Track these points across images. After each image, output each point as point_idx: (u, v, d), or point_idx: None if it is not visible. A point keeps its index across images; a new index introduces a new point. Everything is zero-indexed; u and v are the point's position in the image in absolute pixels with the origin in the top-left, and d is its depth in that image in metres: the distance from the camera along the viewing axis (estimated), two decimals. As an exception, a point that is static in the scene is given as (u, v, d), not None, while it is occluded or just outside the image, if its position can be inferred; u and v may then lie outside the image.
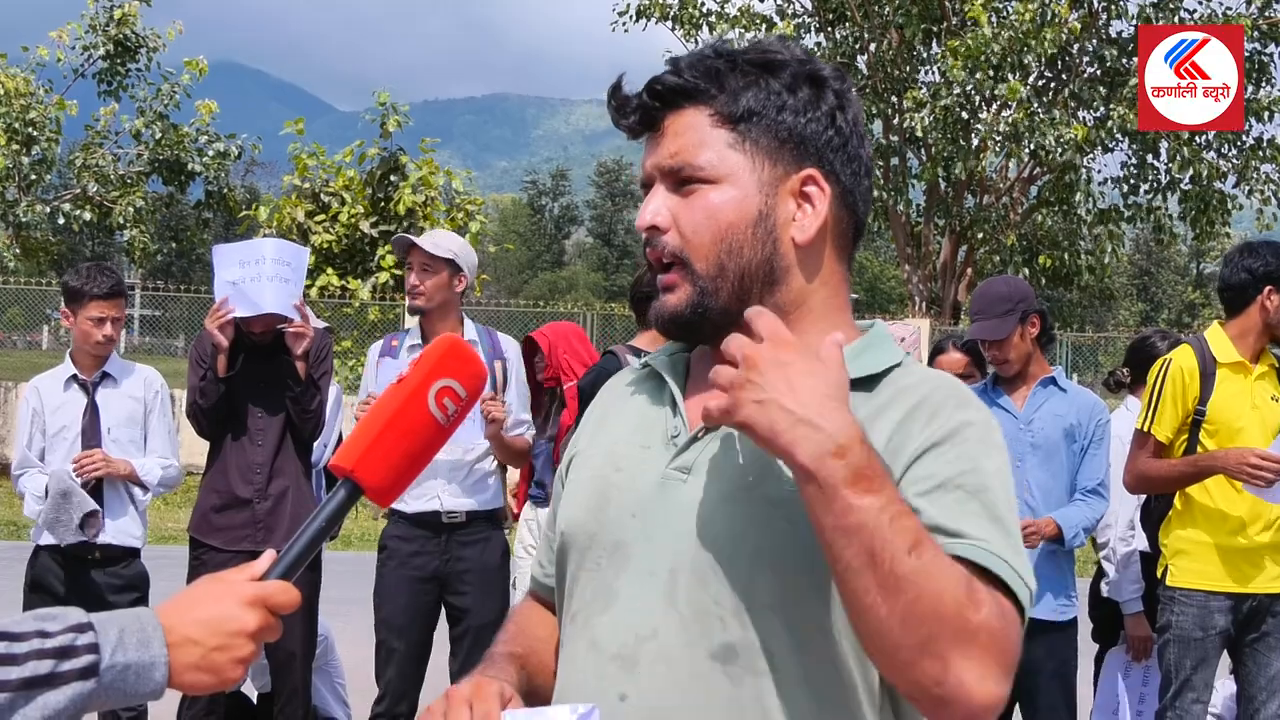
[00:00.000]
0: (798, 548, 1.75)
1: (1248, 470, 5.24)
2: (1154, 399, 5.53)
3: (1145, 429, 5.54)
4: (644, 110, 1.91)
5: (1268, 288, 5.45)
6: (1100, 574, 6.71)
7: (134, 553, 6.12)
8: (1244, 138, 24.41)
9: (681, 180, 1.88)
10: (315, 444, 6.32)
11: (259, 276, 5.82)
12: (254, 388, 5.99)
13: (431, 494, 5.92)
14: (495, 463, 6.08)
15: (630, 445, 1.96)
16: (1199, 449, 5.46)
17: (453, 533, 5.95)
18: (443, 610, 6.07)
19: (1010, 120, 22.94)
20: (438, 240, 6.05)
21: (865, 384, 1.85)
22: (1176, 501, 5.57)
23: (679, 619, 1.80)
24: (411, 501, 5.92)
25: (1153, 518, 5.85)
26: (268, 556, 1.83)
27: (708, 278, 1.87)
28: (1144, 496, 6.05)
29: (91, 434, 6.04)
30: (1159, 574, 5.62)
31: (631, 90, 1.93)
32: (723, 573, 1.79)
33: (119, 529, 6.03)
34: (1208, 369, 5.46)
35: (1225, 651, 5.58)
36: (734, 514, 1.80)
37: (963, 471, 1.76)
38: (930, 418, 1.80)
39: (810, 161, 1.89)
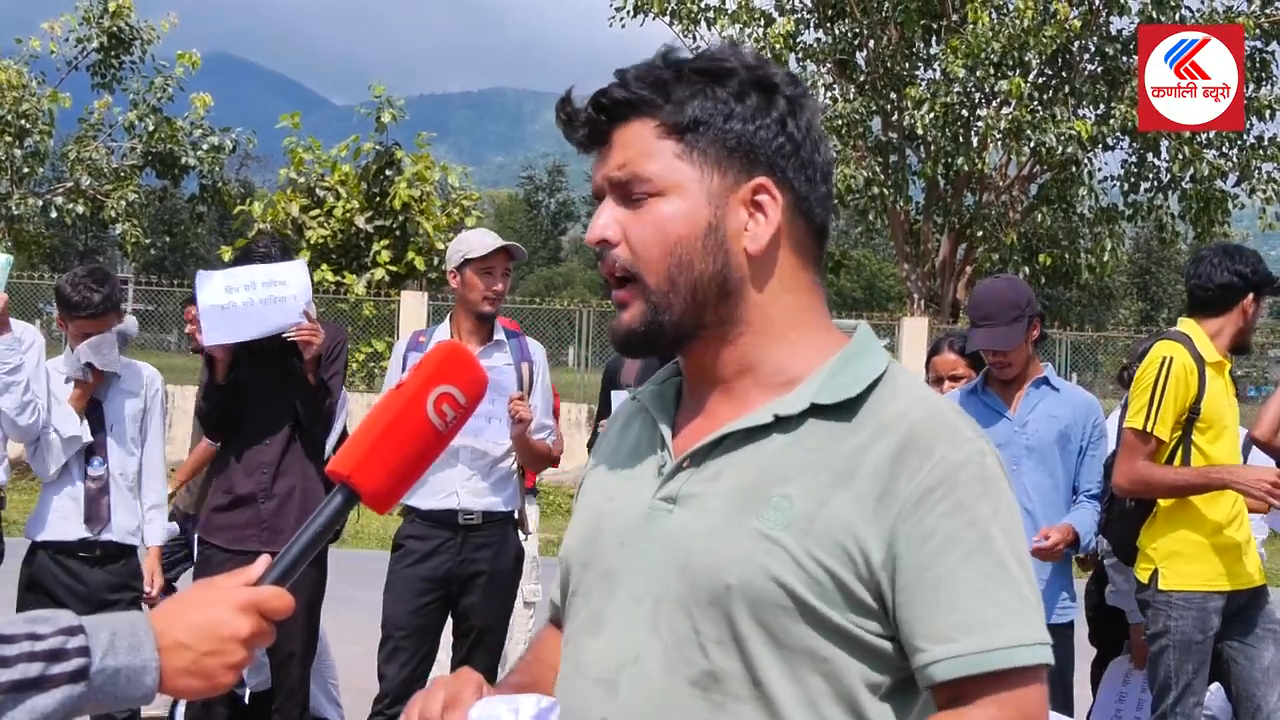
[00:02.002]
0: (784, 580, 1.76)
1: (1261, 489, 5.21)
2: (1156, 398, 5.40)
3: (1147, 429, 5.38)
4: (591, 124, 1.89)
5: (1250, 295, 5.47)
6: (1099, 579, 6.66)
7: (131, 550, 6.09)
8: (1245, 136, 24.41)
9: (630, 193, 1.86)
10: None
11: (251, 300, 5.74)
12: (262, 387, 5.93)
13: (449, 489, 5.92)
14: (516, 464, 6.07)
15: (622, 476, 1.97)
16: (1193, 448, 5.43)
17: (469, 533, 5.95)
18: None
19: (1011, 117, 22.95)
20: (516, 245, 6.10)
21: (844, 410, 1.83)
22: (1162, 503, 5.50)
23: (661, 646, 1.81)
24: (428, 497, 5.92)
25: (1122, 520, 5.71)
26: (263, 561, 1.82)
27: (659, 292, 1.85)
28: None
29: (95, 429, 6.02)
30: (1145, 579, 5.51)
31: (580, 104, 1.91)
32: (705, 603, 1.79)
33: (120, 526, 6.00)
34: (1200, 368, 5.43)
35: None
36: (718, 546, 1.80)
37: (962, 524, 1.76)
38: (921, 459, 1.78)
39: (760, 170, 1.87)
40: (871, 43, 25.85)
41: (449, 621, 6.13)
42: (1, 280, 5.80)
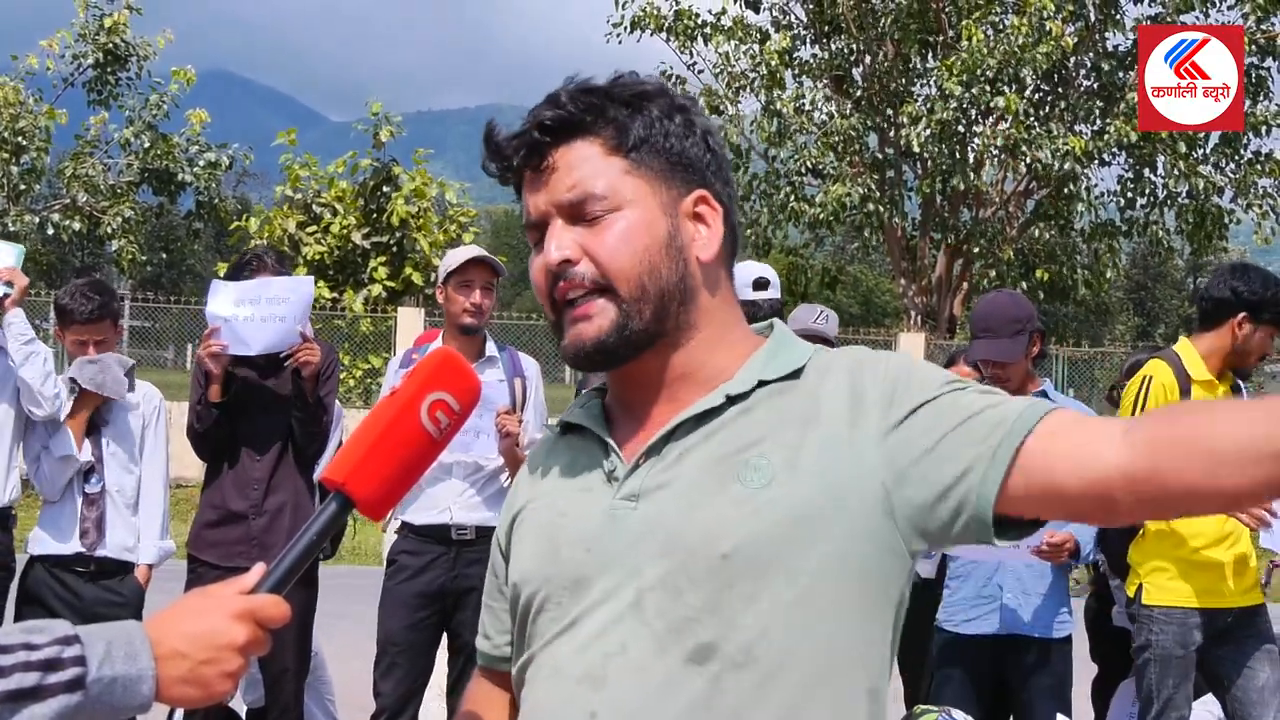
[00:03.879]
0: (772, 540, 1.78)
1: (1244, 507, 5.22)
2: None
3: None
4: (532, 146, 1.90)
5: (1242, 314, 5.40)
6: (1100, 598, 6.61)
7: (128, 567, 6.08)
8: (1242, 151, 24.47)
9: (584, 212, 1.89)
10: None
11: (253, 316, 5.76)
12: (254, 403, 5.92)
13: (443, 505, 5.94)
14: (510, 479, 6.05)
15: (568, 491, 1.97)
16: None
17: (462, 549, 5.94)
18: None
19: (1007, 134, 22.99)
20: (492, 258, 6.08)
21: (789, 379, 1.90)
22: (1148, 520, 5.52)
23: (650, 633, 1.81)
24: (421, 513, 5.93)
25: (1117, 536, 5.73)
26: (258, 570, 1.80)
27: (631, 300, 1.88)
28: None
29: (93, 447, 6.03)
30: (1132, 593, 5.56)
31: (507, 132, 1.93)
32: (698, 579, 1.79)
33: (116, 543, 6.00)
34: (1184, 386, 5.43)
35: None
36: (701, 518, 1.81)
37: (933, 393, 1.83)
38: (873, 372, 1.87)
39: (698, 183, 1.94)
40: (868, 59, 25.91)
41: (445, 638, 6.12)
42: (16, 264, 5.98)
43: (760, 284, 6.11)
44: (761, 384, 1.89)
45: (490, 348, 6.11)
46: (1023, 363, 5.58)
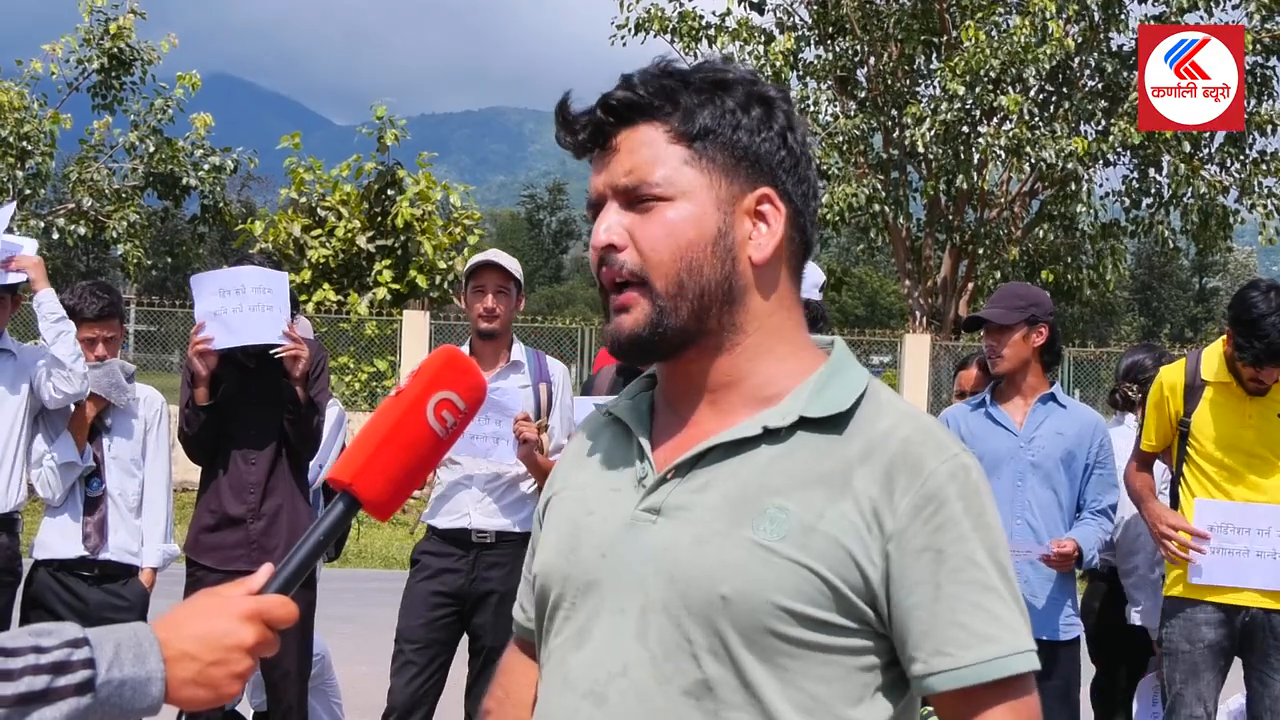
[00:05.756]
0: (780, 590, 1.76)
1: (1157, 533, 5.31)
2: (1147, 413, 5.60)
3: (1138, 441, 5.66)
4: (596, 126, 1.88)
5: (1230, 329, 5.35)
6: (1110, 597, 6.58)
7: (132, 570, 6.08)
8: (1247, 151, 24.44)
9: (637, 198, 1.86)
10: (311, 463, 6.27)
11: (240, 306, 5.76)
12: (248, 406, 5.92)
13: (462, 510, 5.95)
14: (534, 485, 6.05)
15: (600, 488, 1.96)
16: (1186, 460, 5.46)
17: (481, 552, 5.95)
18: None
19: (1011, 134, 22.97)
20: (508, 260, 6.06)
21: (831, 425, 1.84)
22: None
23: (650, 656, 1.81)
24: (443, 517, 5.97)
25: None
26: (265, 570, 1.81)
27: (667, 296, 1.84)
28: None
29: (95, 450, 6.03)
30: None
31: (581, 107, 1.91)
32: (696, 612, 1.79)
33: (119, 546, 6.01)
34: (1195, 384, 5.43)
35: (1238, 665, 5.51)
36: (708, 555, 1.80)
37: (950, 540, 1.78)
38: (911, 476, 1.79)
39: (764, 181, 1.88)
40: (872, 60, 25.90)
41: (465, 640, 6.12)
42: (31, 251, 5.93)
43: (823, 286, 6.14)
44: (803, 420, 1.84)
45: (516, 352, 6.09)
46: (1018, 344, 5.60)
